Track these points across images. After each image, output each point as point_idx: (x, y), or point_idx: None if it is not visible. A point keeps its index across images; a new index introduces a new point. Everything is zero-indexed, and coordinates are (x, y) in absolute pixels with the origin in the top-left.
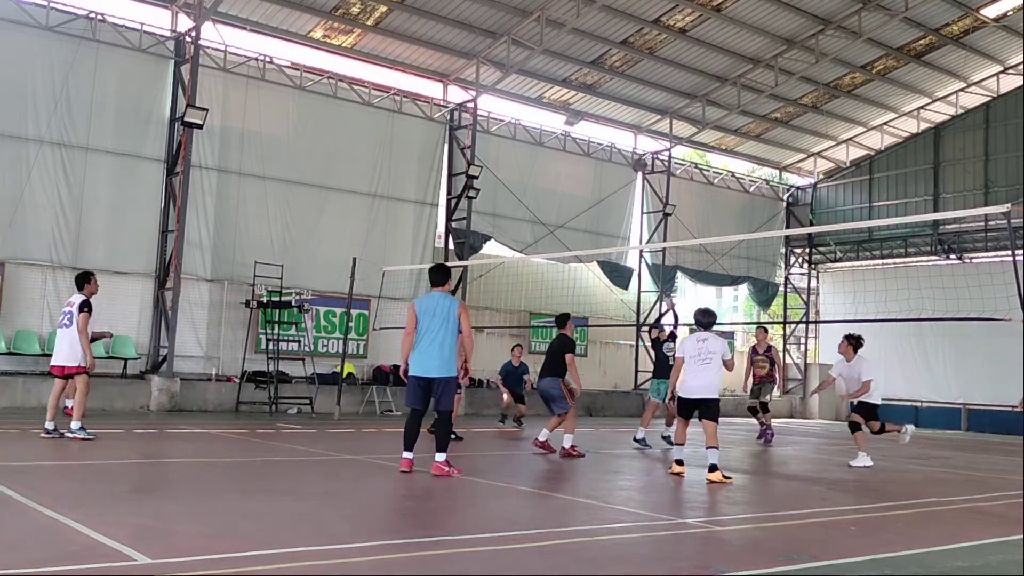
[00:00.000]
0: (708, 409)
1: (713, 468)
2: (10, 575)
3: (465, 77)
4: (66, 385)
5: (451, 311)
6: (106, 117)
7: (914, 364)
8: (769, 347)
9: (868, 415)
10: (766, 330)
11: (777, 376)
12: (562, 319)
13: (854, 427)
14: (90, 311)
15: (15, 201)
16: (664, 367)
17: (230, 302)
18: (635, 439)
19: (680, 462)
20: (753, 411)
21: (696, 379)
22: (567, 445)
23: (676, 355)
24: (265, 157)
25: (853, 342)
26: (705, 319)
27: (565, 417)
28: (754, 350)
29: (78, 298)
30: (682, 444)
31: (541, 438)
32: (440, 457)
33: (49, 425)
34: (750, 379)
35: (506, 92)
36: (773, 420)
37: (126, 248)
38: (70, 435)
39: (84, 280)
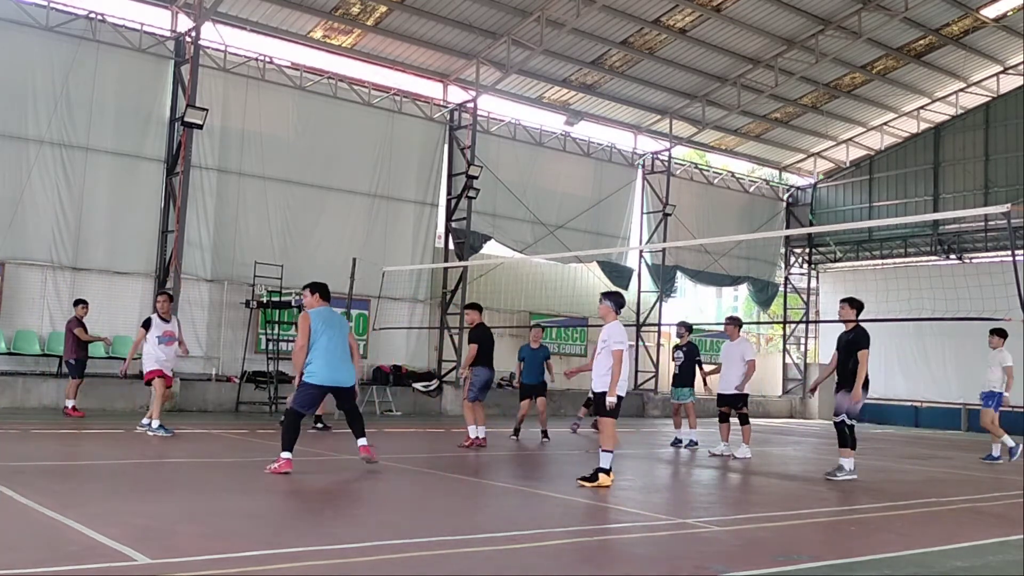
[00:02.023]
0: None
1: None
2: (10, 575)
3: (465, 77)
4: (164, 387)
5: (343, 325)
6: (106, 117)
7: (914, 364)
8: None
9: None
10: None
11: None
12: (479, 307)
13: (743, 419)
14: (146, 327)
15: (15, 201)
16: (684, 373)
17: (230, 302)
18: (689, 441)
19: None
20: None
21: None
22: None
23: (620, 346)
24: (265, 157)
25: (735, 322)
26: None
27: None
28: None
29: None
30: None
31: (481, 435)
32: (364, 441)
33: (148, 421)
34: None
35: (506, 92)
36: (774, 420)
37: (126, 248)
38: (150, 432)
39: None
